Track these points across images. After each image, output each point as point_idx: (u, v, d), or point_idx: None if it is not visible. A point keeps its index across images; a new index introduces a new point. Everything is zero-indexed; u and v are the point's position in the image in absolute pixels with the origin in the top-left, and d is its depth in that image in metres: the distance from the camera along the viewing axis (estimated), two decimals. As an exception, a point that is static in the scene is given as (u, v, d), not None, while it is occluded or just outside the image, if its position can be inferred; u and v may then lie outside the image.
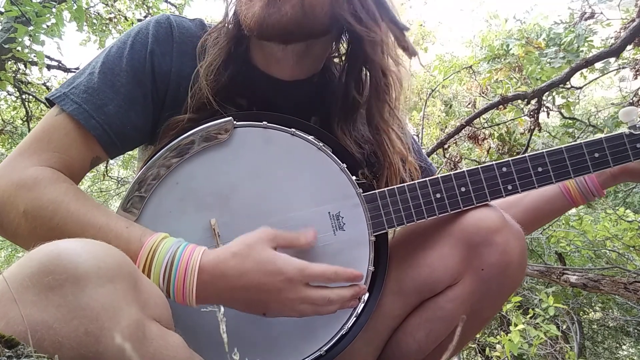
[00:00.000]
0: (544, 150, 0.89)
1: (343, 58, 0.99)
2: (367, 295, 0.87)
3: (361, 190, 0.86)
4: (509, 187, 0.88)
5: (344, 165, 0.86)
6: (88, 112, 0.80)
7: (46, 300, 0.47)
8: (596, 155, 0.89)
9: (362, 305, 0.87)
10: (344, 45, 0.98)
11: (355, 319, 0.86)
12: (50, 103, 0.83)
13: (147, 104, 0.86)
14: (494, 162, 0.89)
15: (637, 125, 0.90)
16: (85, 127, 0.79)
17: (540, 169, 0.89)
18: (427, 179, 0.89)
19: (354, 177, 0.86)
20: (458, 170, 0.89)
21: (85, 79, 0.83)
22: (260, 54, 0.93)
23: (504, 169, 0.89)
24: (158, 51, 0.87)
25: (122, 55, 0.85)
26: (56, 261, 0.49)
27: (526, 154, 0.89)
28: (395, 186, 0.88)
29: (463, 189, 0.88)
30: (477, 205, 0.88)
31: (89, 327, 0.47)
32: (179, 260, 0.70)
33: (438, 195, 0.88)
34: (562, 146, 0.89)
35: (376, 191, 0.88)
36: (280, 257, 0.74)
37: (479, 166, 0.89)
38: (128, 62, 0.84)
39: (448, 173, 0.89)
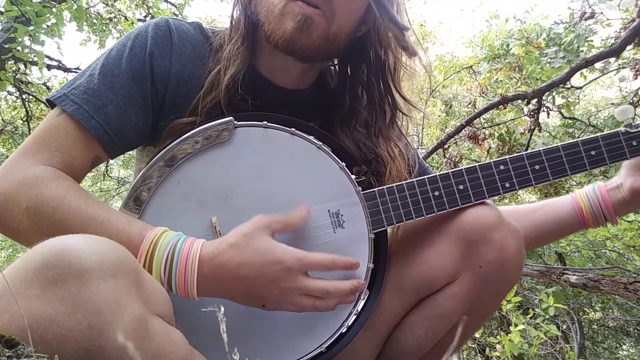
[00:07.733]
0: (540, 149, 0.90)
1: (343, 69, 1.03)
2: (367, 293, 0.87)
3: (360, 189, 0.87)
4: (507, 185, 0.89)
5: (343, 164, 0.87)
6: (88, 113, 0.81)
7: (50, 294, 0.47)
8: (592, 152, 0.89)
9: (363, 302, 0.87)
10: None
11: (355, 316, 0.86)
12: (50, 104, 0.84)
13: (147, 105, 0.87)
14: (491, 161, 0.89)
15: (633, 124, 0.90)
16: (86, 127, 0.81)
17: (537, 167, 0.89)
18: (425, 177, 0.89)
19: (353, 176, 0.87)
20: (456, 169, 0.90)
21: (85, 81, 0.84)
22: (267, 62, 0.95)
23: (502, 167, 0.89)
24: (157, 53, 0.88)
25: (121, 57, 0.86)
26: (60, 256, 0.49)
27: (523, 152, 0.90)
28: (394, 184, 0.89)
29: (461, 187, 0.89)
30: (475, 202, 0.89)
31: (92, 321, 0.47)
32: (179, 253, 0.71)
33: (436, 194, 0.88)
34: (559, 144, 0.89)
35: (375, 189, 0.88)
36: (278, 246, 0.75)
37: (476, 164, 0.90)
38: (127, 63, 0.85)
39: (446, 171, 0.89)
